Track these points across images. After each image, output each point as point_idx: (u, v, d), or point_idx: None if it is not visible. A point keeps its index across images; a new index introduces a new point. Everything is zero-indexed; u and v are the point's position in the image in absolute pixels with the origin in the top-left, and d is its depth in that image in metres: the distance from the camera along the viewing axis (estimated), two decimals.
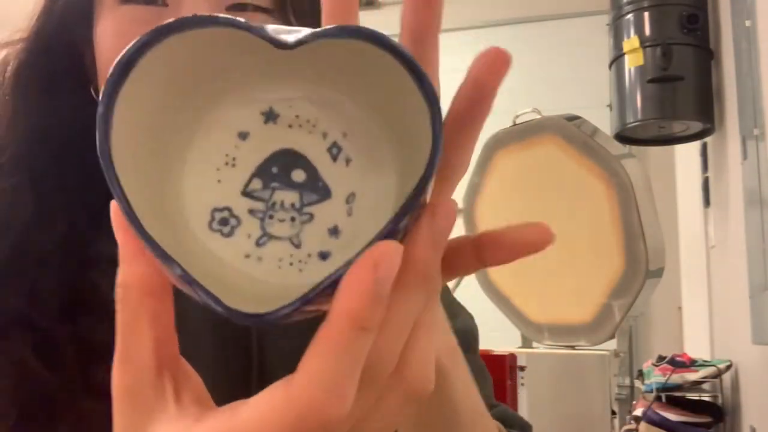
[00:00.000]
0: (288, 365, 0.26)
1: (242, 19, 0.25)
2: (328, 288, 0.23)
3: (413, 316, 0.26)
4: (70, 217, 0.54)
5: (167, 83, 0.26)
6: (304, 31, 0.25)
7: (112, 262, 0.48)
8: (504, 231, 0.29)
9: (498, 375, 2.03)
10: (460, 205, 2.49)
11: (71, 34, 0.55)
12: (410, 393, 0.27)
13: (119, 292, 0.27)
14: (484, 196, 2.42)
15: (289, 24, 0.42)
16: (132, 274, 0.27)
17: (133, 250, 0.26)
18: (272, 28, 0.25)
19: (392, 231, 0.24)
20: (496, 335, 1.98)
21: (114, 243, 0.43)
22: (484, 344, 0.71)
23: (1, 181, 0.52)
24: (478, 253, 0.29)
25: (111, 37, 0.51)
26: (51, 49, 0.54)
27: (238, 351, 0.55)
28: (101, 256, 0.54)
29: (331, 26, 0.25)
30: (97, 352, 0.48)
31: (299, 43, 0.25)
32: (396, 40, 0.25)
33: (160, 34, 0.25)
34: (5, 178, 0.53)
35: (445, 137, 0.25)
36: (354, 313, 0.23)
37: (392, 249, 0.23)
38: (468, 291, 2.50)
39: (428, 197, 0.26)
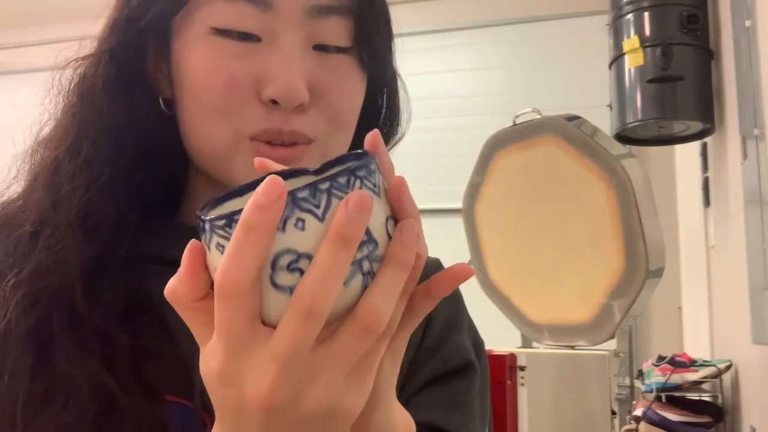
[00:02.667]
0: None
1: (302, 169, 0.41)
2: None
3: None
4: (137, 222, 0.57)
5: None
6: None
7: (159, 263, 0.55)
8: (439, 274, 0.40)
9: (498, 375, 2.03)
10: (460, 205, 2.49)
11: (145, 49, 0.57)
12: (361, 327, 0.34)
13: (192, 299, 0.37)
14: (483, 196, 2.42)
15: (363, 61, 0.58)
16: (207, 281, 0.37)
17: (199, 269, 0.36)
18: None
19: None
20: (496, 335, 1.98)
21: (160, 245, 0.55)
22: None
23: (93, 194, 0.55)
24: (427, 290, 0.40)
25: (202, 66, 0.54)
26: (129, 64, 0.57)
27: None
28: (149, 258, 0.57)
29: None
30: (148, 353, 0.52)
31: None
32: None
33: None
34: (95, 191, 0.55)
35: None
36: (338, 228, 0.33)
37: (356, 194, 0.34)
38: (468, 291, 2.49)
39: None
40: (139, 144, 0.57)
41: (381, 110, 0.66)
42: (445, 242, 3.10)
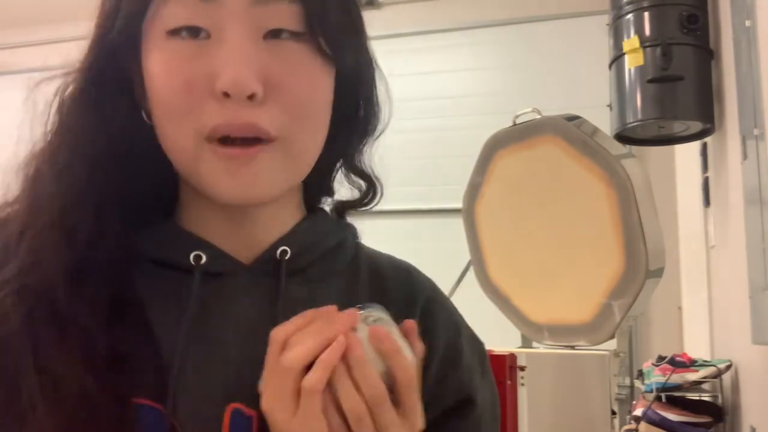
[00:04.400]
0: None
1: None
2: None
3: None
4: (121, 228, 0.58)
5: None
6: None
7: (150, 263, 0.61)
8: None
9: (498, 375, 2.03)
10: (460, 205, 2.49)
11: (121, 63, 0.58)
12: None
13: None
14: (483, 196, 2.42)
15: (320, 48, 0.56)
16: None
17: None
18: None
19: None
20: (496, 335, 1.98)
21: (153, 245, 0.63)
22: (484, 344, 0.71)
23: (70, 199, 0.56)
24: None
25: (160, 71, 0.55)
26: (104, 77, 0.58)
27: None
28: (141, 257, 0.59)
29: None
30: (126, 354, 0.53)
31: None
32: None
33: None
34: (73, 196, 0.57)
35: None
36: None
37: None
38: (468, 291, 2.50)
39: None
40: (117, 151, 0.58)
41: (358, 104, 0.64)
42: (445, 242, 3.10)
